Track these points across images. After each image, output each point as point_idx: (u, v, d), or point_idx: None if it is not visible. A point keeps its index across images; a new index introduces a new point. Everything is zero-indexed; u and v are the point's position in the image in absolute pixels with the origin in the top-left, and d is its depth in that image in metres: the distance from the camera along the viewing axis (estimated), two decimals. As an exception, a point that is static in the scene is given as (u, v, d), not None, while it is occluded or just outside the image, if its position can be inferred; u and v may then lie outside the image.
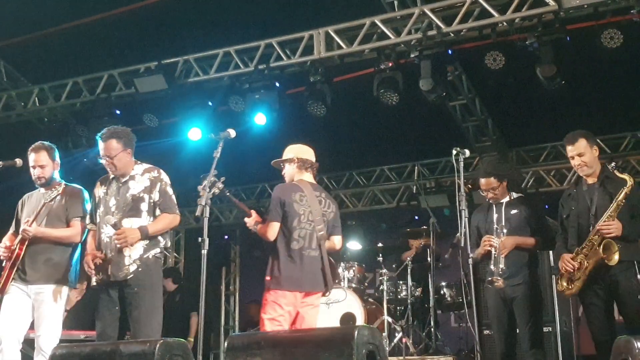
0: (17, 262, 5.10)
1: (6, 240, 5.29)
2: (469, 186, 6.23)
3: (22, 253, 5.10)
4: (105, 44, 8.78)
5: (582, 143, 5.17)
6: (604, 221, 4.90)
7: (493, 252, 5.46)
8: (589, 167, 5.16)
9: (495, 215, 5.64)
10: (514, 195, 5.83)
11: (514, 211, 5.66)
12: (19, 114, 9.49)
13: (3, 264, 5.18)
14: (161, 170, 5.19)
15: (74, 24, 8.49)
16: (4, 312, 5.06)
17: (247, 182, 12.28)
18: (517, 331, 5.58)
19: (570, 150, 5.24)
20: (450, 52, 7.58)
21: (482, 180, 5.78)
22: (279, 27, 8.15)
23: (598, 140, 5.61)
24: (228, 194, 5.16)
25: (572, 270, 5.04)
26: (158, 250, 5.06)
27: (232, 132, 5.08)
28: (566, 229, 5.30)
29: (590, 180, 5.22)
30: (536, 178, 10.48)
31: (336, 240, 5.46)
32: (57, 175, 5.42)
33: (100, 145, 5.09)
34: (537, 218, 5.74)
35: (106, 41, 8.71)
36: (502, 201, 5.75)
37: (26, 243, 5.11)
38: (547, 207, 7.80)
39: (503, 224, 5.56)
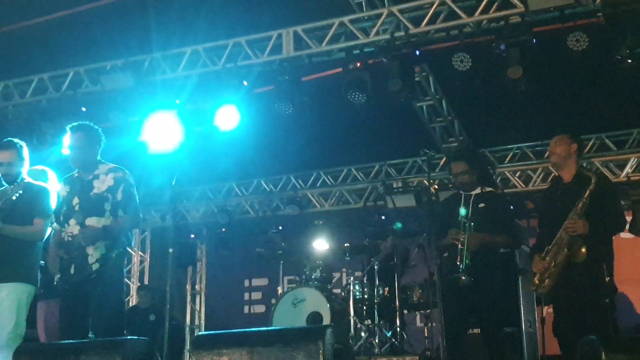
0: None
1: None
2: (436, 186, 6.25)
3: None
4: (72, 40, 8.65)
5: (564, 138, 5.24)
6: (570, 220, 4.97)
7: (459, 246, 5.44)
8: (557, 157, 5.21)
9: (462, 208, 5.58)
10: (486, 189, 5.76)
11: (482, 204, 5.58)
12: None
13: None
14: (126, 171, 5.18)
15: (41, 20, 8.36)
16: None
17: (214, 180, 12.23)
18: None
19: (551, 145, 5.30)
20: (418, 52, 7.62)
21: (452, 165, 5.74)
22: (248, 26, 8.12)
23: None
24: None
25: (542, 270, 5.09)
26: (121, 249, 5.04)
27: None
28: (542, 228, 5.34)
29: (565, 180, 5.26)
30: (502, 179, 10.61)
31: None
32: (24, 173, 5.34)
33: (69, 136, 5.16)
34: (505, 214, 5.75)
35: (73, 37, 8.58)
36: (471, 193, 5.67)
37: None
38: (512, 207, 7.88)
39: (470, 217, 5.50)
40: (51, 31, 8.44)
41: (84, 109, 8.68)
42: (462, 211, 5.44)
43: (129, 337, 3.56)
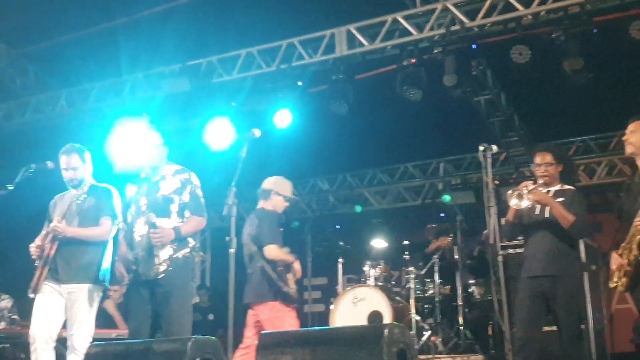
0: (49, 261, 5.13)
1: (38, 240, 5.35)
2: (496, 182, 6.13)
3: (54, 252, 5.14)
4: (130, 48, 8.84)
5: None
6: (638, 218, 4.73)
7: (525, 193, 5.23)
8: (633, 146, 4.88)
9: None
10: (566, 186, 5.52)
11: (559, 199, 5.36)
12: (48, 118, 9.59)
13: (36, 263, 5.23)
14: (192, 173, 5.25)
15: (98, 29, 8.57)
16: (37, 311, 5.10)
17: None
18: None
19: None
20: (474, 46, 7.52)
21: (538, 155, 5.50)
22: (301, 26, 8.16)
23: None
24: None
25: (620, 267, 4.89)
26: (187, 250, 5.12)
27: (258, 132, 5.12)
28: (621, 222, 5.12)
29: None
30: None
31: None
32: (88, 177, 5.47)
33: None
34: (580, 213, 5.38)
35: (130, 45, 8.77)
36: (550, 189, 5.44)
37: (57, 242, 5.16)
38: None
39: (546, 211, 5.33)
40: (109, 39, 8.63)
41: (144, 114, 8.85)
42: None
43: (195, 336, 3.60)
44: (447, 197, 9.45)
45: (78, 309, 5.09)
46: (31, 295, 5.17)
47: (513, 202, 5.26)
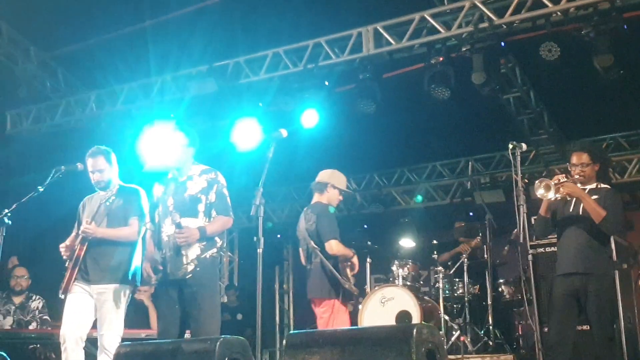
0: (79, 262, 5.19)
1: (68, 240, 5.41)
2: (526, 180, 6.07)
3: (83, 253, 5.20)
4: (158, 49, 8.91)
5: None
6: None
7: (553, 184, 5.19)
8: None
9: (574, 200, 5.34)
10: (601, 185, 5.45)
11: (594, 197, 5.29)
12: (78, 119, 9.70)
13: (66, 264, 5.29)
14: (218, 172, 5.26)
15: (127, 31, 8.65)
16: (67, 311, 5.16)
17: (298, 180, 12.31)
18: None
19: None
20: (503, 44, 7.45)
21: (574, 155, 5.45)
22: (327, 26, 8.14)
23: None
24: None
25: None
26: (214, 250, 5.13)
27: (284, 132, 5.10)
28: None
29: None
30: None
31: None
32: (115, 178, 5.51)
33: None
34: (615, 211, 5.31)
35: (159, 46, 8.83)
36: (586, 187, 5.38)
37: (86, 243, 5.21)
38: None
39: (580, 208, 5.28)
40: (138, 41, 8.71)
41: (172, 115, 8.91)
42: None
43: (224, 336, 3.61)
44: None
45: (108, 309, 5.14)
46: (62, 296, 5.24)
47: (539, 193, 5.24)
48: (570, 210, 5.36)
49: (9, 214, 5.36)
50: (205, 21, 8.34)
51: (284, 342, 3.77)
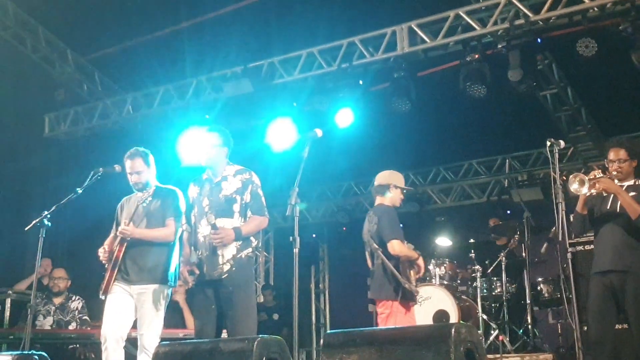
0: (118, 263, 5.25)
1: (106, 243, 5.47)
2: (564, 178, 5.98)
3: (122, 254, 5.25)
4: (194, 51, 8.98)
5: None
6: None
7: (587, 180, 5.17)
8: None
9: (611, 196, 5.28)
10: (638, 181, 5.35)
11: (632, 193, 5.21)
12: (115, 121, 9.83)
13: (105, 265, 5.36)
14: (253, 172, 5.27)
15: (163, 33, 8.74)
16: (108, 311, 5.22)
17: (333, 180, 12.32)
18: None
19: None
20: (539, 40, 7.36)
21: (611, 151, 5.38)
22: (361, 25, 8.13)
23: None
24: None
25: None
26: (250, 250, 5.14)
27: (319, 132, 5.08)
28: None
29: None
30: (634, 168, 10.04)
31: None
32: (153, 179, 5.57)
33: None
34: None
35: (194, 48, 8.91)
36: (623, 183, 5.30)
37: (125, 244, 5.27)
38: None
39: (617, 205, 5.20)
40: (174, 43, 8.79)
41: (207, 116, 8.98)
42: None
43: (262, 335, 3.61)
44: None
45: (147, 309, 5.19)
46: (102, 297, 5.30)
47: (573, 187, 5.19)
48: (607, 207, 5.29)
49: (49, 216, 5.43)
50: (240, 22, 8.40)
51: (322, 341, 3.75)
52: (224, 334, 5.23)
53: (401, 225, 5.87)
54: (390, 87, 8.08)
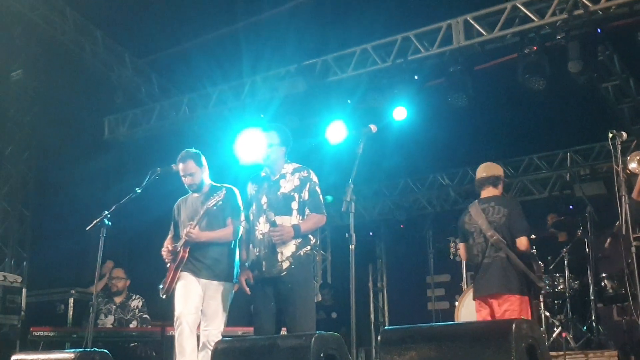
0: (182, 265, 5.34)
1: (167, 244, 5.55)
2: (628, 171, 5.81)
3: (187, 255, 5.34)
4: (249, 50, 9.04)
5: None
6: None
7: None
8: None
9: None
10: None
11: None
12: (172, 123, 9.97)
13: (167, 265, 5.44)
14: (311, 170, 5.27)
15: (219, 33, 8.82)
16: (180, 294, 5.28)
17: (388, 177, 12.24)
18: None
19: None
20: (599, 31, 7.16)
21: None
22: (415, 19, 8.05)
23: None
24: None
25: None
26: (309, 247, 5.14)
27: (374, 128, 5.06)
28: None
29: None
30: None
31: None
32: (207, 179, 5.62)
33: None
34: None
35: (250, 47, 8.96)
36: None
37: (189, 246, 5.34)
38: None
39: None
40: (229, 42, 8.86)
41: (262, 116, 9.03)
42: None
43: (319, 332, 3.61)
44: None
45: (213, 305, 5.29)
46: (163, 297, 5.38)
47: (632, 166, 5.07)
48: None
49: (109, 216, 5.54)
50: (296, 20, 8.41)
51: (379, 337, 3.72)
52: (283, 332, 5.25)
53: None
54: (446, 82, 7.99)
